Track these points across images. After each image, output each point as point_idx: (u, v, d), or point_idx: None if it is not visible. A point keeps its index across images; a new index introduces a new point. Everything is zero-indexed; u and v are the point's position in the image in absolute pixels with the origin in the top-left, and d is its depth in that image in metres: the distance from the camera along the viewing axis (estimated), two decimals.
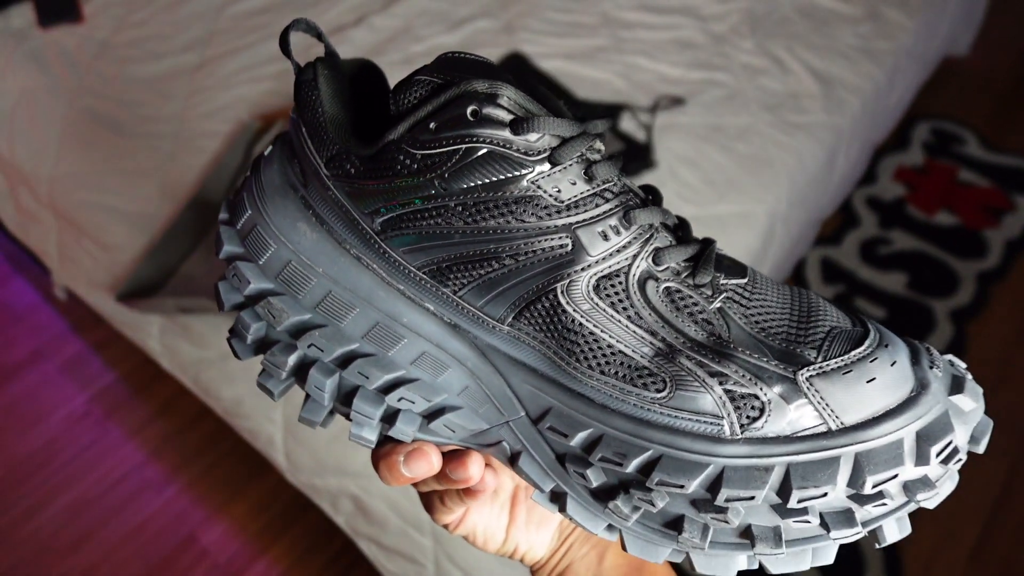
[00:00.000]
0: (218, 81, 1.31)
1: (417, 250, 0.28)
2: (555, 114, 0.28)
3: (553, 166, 0.27)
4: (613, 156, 0.29)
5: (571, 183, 0.27)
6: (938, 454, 0.25)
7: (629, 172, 1.17)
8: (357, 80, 0.31)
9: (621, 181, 0.29)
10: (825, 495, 0.25)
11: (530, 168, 0.27)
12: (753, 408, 0.26)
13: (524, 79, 0.28)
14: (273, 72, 1.33)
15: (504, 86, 0.27)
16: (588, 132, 0.28)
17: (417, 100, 0.27)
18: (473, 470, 0.30)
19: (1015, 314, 1.55)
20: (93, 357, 1.49)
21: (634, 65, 1.36)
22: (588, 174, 0.28)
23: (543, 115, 0.27)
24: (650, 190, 0.30)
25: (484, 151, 0.27)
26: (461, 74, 0.27)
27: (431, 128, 0.27)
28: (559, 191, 0.27)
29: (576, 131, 0.28)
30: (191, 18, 1.44)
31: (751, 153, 1.23)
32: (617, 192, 0.28)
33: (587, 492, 0.28)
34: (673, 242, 0.29)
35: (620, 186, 0.29)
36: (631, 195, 0.29)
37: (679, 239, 0.29)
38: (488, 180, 0.27)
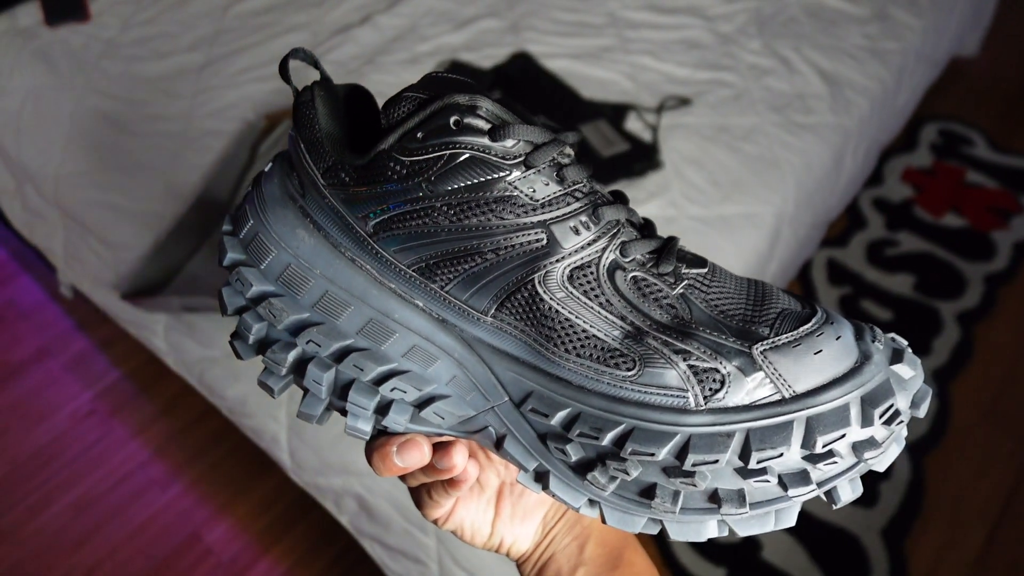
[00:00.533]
0: (224, 80, 1.31)
1: (407, 249, 0.31)
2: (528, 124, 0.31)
3: (528, 169, 0.30)
4: (582, 161, 0.32)
5: (544, 184, 0.31)
6: (881, 415, 0.28)
7: (635, 173, 1.17)
8: (349, 101, 0.34)
9: (589, 183, 0.32)
10: (781, 455, 0.28)
11: (507, 171, 0.30)
12: (714, 381, 0.29)
13: (502, 98, 0.30)
14: (278, 71, 1.33)
15: (482, 99, 0.30)
16: (558, 139, 0.31)
17: (406, 113, 0.31)
18: (457, 459, 0.33)
19: (1023, 316, 1.54)
20: (98, 355, 1.49)
21: (640, 65, 1.36)
22: (559, 176, 0.31)
23: (517, 123, 0.30)
24: (616, 193, 0.34)
25: (466, 156, 0.30)
26: (445, 90, 0.30)
27: (418, 137, 0.30)
28: (534, 191, 0.30)
29: (547, 138, 0.31)
30: (197, 17, 1.44)
31: (758, 154, 1.23)
32: (586, 192, 0.31)
33: (567, 467, 0.30)
34: (638, 236, 0.32)
35: (588, 187, 0.32)
36: (599, 195, 0.32)
37: (644, 235, 0.33)
38: (470, 182, 0.30)
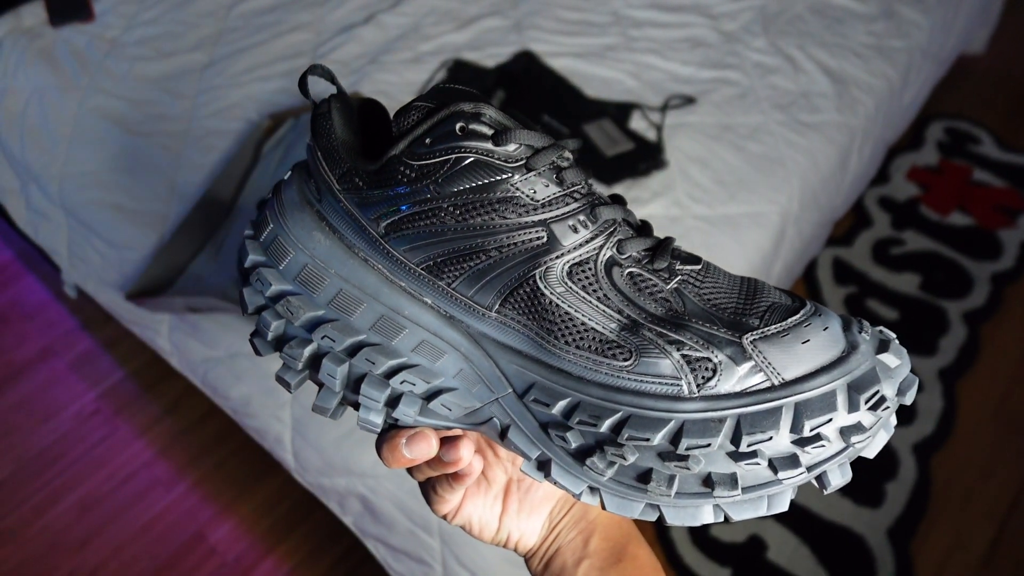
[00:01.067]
0: (227, 80, 1.31)
1: (416, 248, 0.33)
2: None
3: (529, 171, 0.32)
4: (580, 164, 0.34)
5: (544, 186, 0.33)
6: (867, 401, 0.29)
7: (639, 172, 1.16)
8: (363, 113, 0.36)
9: (587, 185, 0.34)
10: (771, 439, 0.29)
11: (510, 173, 0.32)
12: (707, 369, 0.30)
13: (505, 106, 0.31)
14: (282, 70, 1.33)
15: (486, 106, 0.32)
16: (558, 144, 0.33)
17: (415, 121, 0.33)
18: (464, 452, 0.34)
19: None
20: (103, 354, 1.49)
21: (645, 64, 1.36)
22: (559, 178, 0.33)
23: (519, 128, 0.32)
24: (614, 196, 0.36)
25: (471, 159, 0.32)
26: (451, 99, 0.33)
27: (427, 143, 0.32)
28: (534, 192, 0.32)
29: (547, 142, 0.33)
30: (200, 16, 1.44)
31: (763, 153, 1.22)
32: (584, 193, 0.34)
33: (567, 454, 0.32)
34: (634, 235, 0.34)
35: (586, 189, 0.34)
36: (596, 196, 0.34)
37: (640, 234, 0.34)
38: (475, 184, 0.32)
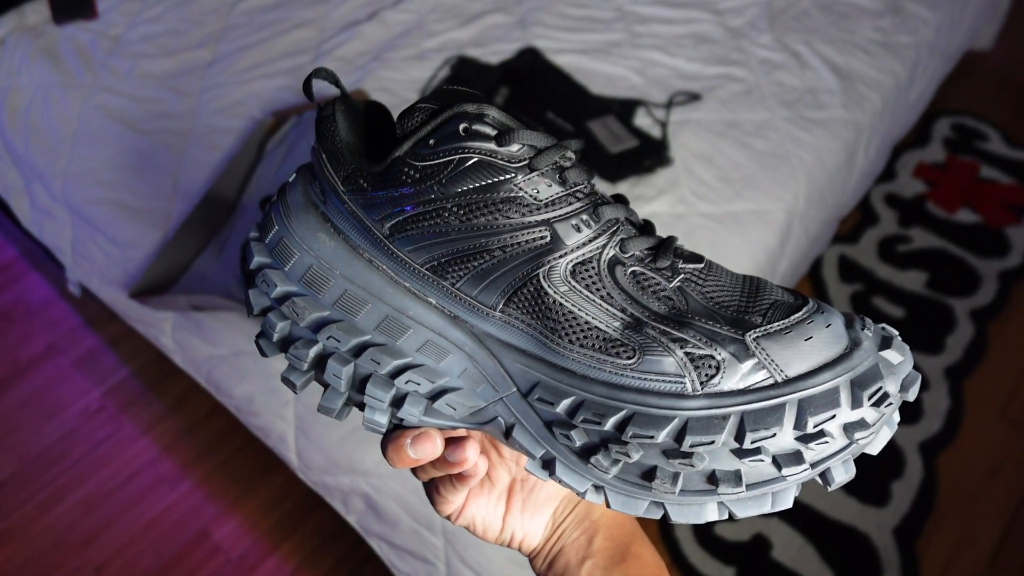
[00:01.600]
0: (231, 77, 1.31)
1: (420, 249, 0.33)
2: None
3: (531, 171, 0.32)
4: (582, 164, 0.34)
5: (547, 185, 0.33)
6: (870, 397, 0.29)
7: (644, 169, 1.16)
8: (368, 116, 0.36)
9: (590, 185, 0.34)
10: (775, 436, 0.29)
11: (513, 173, 0.32)
12: (710, 367, 0.30)
13: (508, 106, 0.31)
14: (286, 68, 1.33)
15: (489, 107, 0.33)
16: (560, 144, 0.33)
17: (419, 123, 0.33)
18: (469, 453, 0.34)
19: None
20: (107, 352, 1.49)
21: (649, 60, 1.35)
22: (562, 178, 0.33)
23: (521, 129, 0.32)
24: (617, 196, 0.36)
25: (474, 160, 0.32)
26: (455, 101, 0.33)
27: (430, 144, 0.32)
28: (537, 192, 0.32)
29: (549, 143, 0.33)
30: (204, 14, 1.44)
31: (768, 150, 1.21)
32: (587, 193, 0.34)
33: (572, 452, 0.32)
34: (637, 234, 0.34)
35: (589, 188, 0.34)
36: (599, 196, 0.34)
37: (643, 233, 0.34)
38: (478, 184, 0.32)
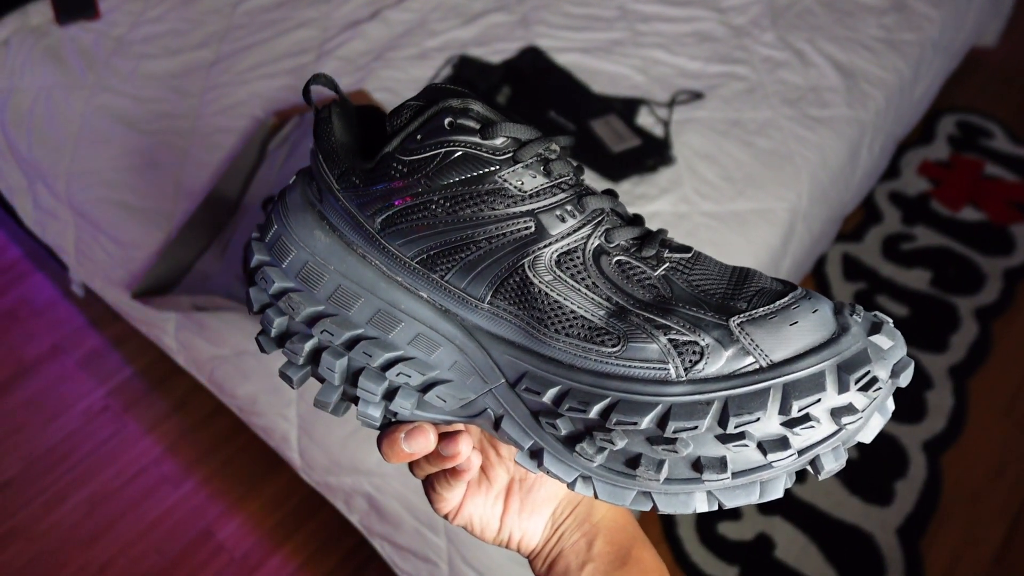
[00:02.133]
0: (233, 77, 1.31)
1: (410, 242, 0.34)
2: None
3: (516, 163, 0.33)
4: (567, 155, 0.35)
5: (532, 177, 0.33)
6: (856, 381, 0.29)
7: (646, 168, 1.16)
8: (366, 121, 0.38)
9: (576, 176, 0.35)
10: (758, 420, 0.29)
11: (497, 165, 0.33)
12: (694, 353, 0.30)
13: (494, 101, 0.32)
14: (288, 67, 1.33)
15: (474, 102, 0.33)
16: (544, 136, 0.34)
17: (407, 119, 0.34)
18: (461, 446, 0.35)
19: None
20: (111, 352, 1.50)
21: (652, 59, 1.34)
22: (546, 170, 0.34)
23: (505, 122, 0.33)
24: (607, 191, 0.36)
25: (460, 153, 0.33)
26: (441, 97, 0.34)
27: (418, 139, 0.33)
28: (522, 183, 0.33)
29: (533, 135, 0.34)
30: (206, 14, 1.44)
31: (771, 148, 1.21)
32: (572, 184, 0.34)
33: (558, 441, 0.32)
34: (622, 224, 0.34)
35: (574, 180, 0.34)
36: (584, 187, 0.35)
37: (629, 223, 0.35)
38: (464, 176, 0.33)
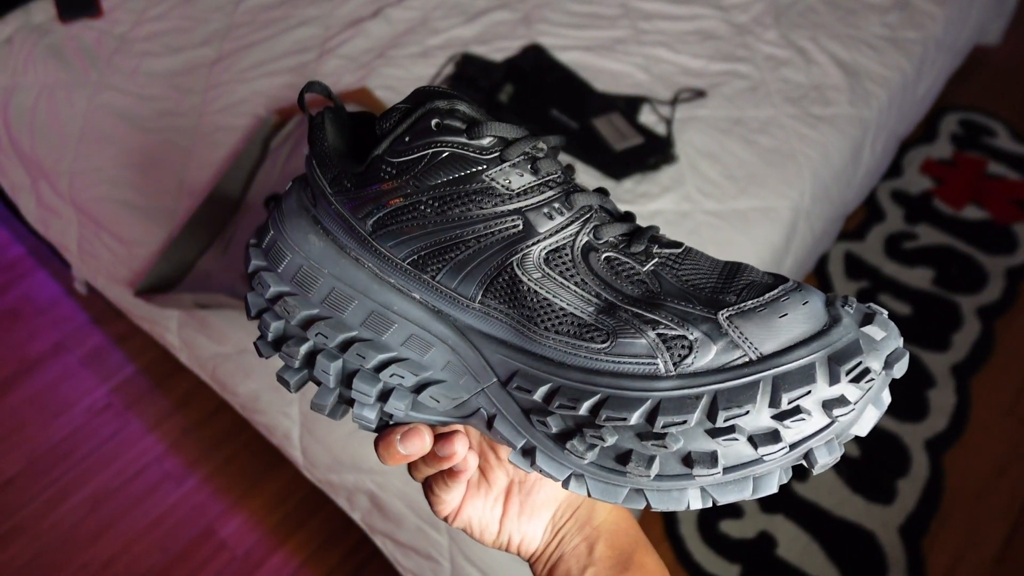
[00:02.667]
0: (235, 75, 1.31)
1: (400, 243, 0.34)
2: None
3: (503, 162, 0.33)
4: (556, 154, 0.35)
5: (519, 175, 0.33)
6: (848, 372, 0.28)
7: (649, 167, 1.15)
8: (358, 124, 0.38)
9: (564, 173, 0.35)
10: (747, 413, 0.29)
11: (484, 165, 0.33)
12: (683, 347, 0.30)
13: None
14: (290, 66, 1.33)
15: (460, 103, 0.34)
16: (530, 135, 0.34)
17: (395, 122, 0.34)
18: (457, 447, 0.35)
19: None
20: (114, 350, 1.50)
21: (654, 57, 1.34)
22: (534, 168, 0.34)
23: (491, 121, 0.33)
24: (599, 189, 0.36)
25: (447, 153, 0.33)
26: (429, 99, 0.34)
27: (406, 141, 0.33)
28: (509, 182, 0.33)
29: (520, 134, 0.34)
30: (208, 12, 1.44)
31: (774, 146, 1.21)
32: (560, 182, 0.34)
33: (548, 438, 0.32)
34: (611, 220, 0.34)
35: (562, 177, 0.34)
36: (572, 184, 0.35)
37: (619, 220, 0.35)
38: (452, 176, 0.33)
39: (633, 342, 0.30)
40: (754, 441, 0.29)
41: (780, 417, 0.29)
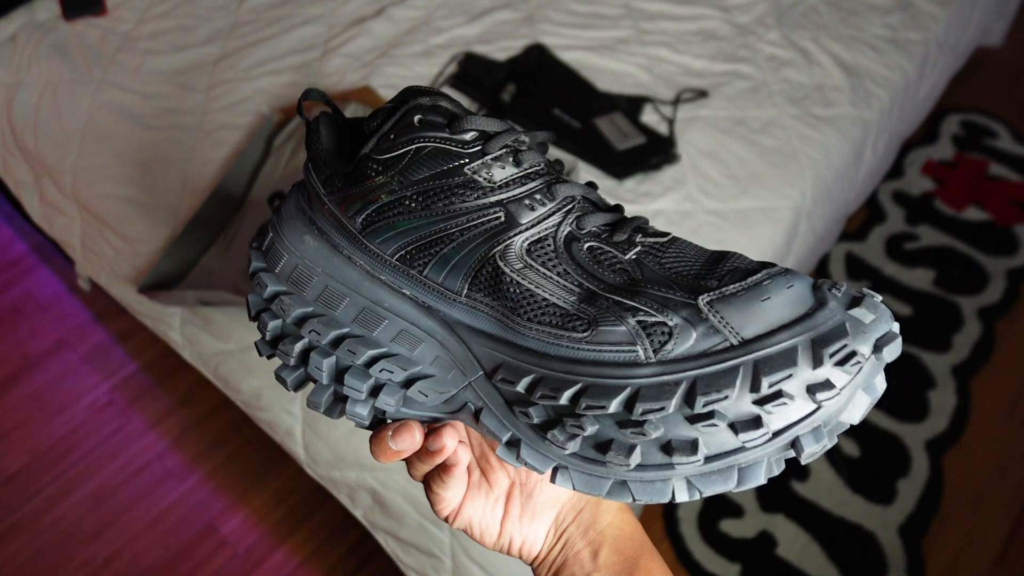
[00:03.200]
0: (239, 73, 1.31)
1: (388, 240, 0.34)
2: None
3: (485, 155, 0.34)
4: (544, 149, 0.36)
5: (501, 168, 0.34)
6: (831, 355, 0.28)
7: (651, 166, 1.16)
8: (354, 128, 0.39)
9: (546, 165, 0.35)
10: (727, 398, 0.28)
11: (467, 159, 0.33)
12: (662, 334, 0.30)
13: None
14: (293, 64, 1.33)
15: (442, 98, 0.34)
16: (512, 128, 0.34)
17: (381, 121, 0.35)
18: (447, 440, 0.35)
19: None
20: (116, 347, 1.50)
21: (656, 57, 1.35)
22: (516, 160, 0.34)
23: (472, 115, 0.34)
24: (589, 183, 0.37)
25: (430, 148, 0.34)
26: (412, 97, 0.35)
27: (391, 138, 0.34)
28: (492, 175, 0.34)
29: (501, 127, 0.34)
30: (212, 10, 1.44)
31: (775, 147, 1.21)
32: (542, 173, 0.34)
33: (531, 430, 0.32)
34: (593, 210, 0.34)
35: (545, 169, 0.35)
36: (555, 176, 0.35)
37: (603, 210, 0.35)
38: (435, 171, 0.34)
39: (613, 330, 0.30)
40: (735, 427, 0.29)
41: (761, 402, 0.28)
